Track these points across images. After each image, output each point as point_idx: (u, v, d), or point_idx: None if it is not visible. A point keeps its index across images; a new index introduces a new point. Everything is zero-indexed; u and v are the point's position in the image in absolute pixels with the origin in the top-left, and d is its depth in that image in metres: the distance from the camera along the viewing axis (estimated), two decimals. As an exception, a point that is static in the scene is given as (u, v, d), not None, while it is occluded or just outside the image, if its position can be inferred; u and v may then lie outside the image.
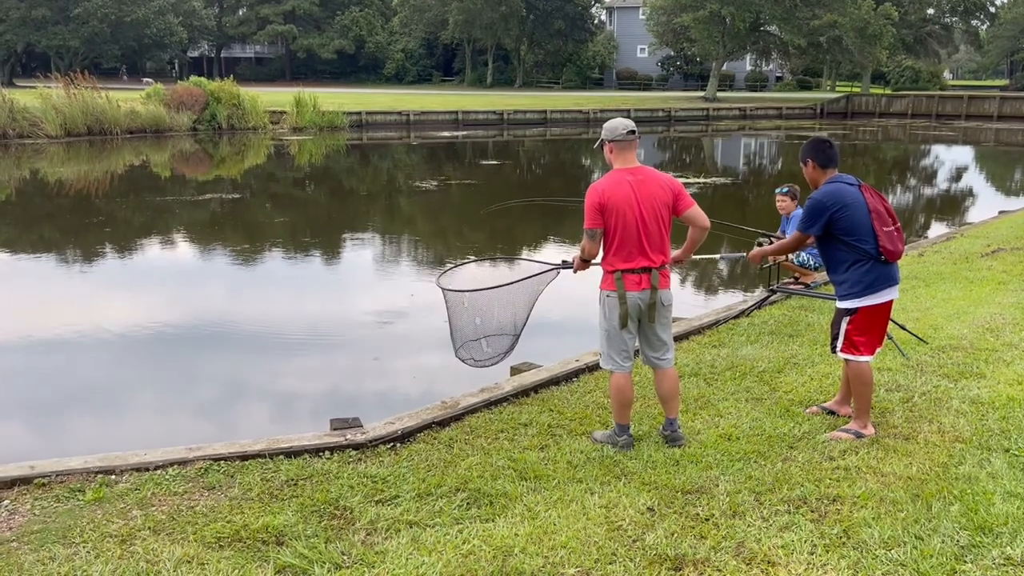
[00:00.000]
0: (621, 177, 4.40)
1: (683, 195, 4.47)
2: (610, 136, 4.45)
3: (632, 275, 4.38)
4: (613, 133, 4.44)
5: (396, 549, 3.52)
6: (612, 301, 4.43)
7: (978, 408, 4.90)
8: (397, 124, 38.76)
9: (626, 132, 4.43)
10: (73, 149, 27.27)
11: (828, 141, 4.61)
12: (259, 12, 71.37)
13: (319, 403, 6.38)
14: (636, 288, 4.39)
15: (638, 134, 4.48)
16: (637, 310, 4.44)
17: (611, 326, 4.47)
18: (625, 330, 4.46)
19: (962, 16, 64.55)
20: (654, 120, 46.02)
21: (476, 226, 14.61)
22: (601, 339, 4.58)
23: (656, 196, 4.38)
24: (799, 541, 3.48)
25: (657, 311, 4.46)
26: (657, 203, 4.38)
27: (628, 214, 4.33)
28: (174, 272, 11.28)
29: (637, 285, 4.39)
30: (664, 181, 4.46)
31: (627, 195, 4.34)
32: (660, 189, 4.41)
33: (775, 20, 49.93)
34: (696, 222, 4.49)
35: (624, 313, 4.41)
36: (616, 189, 4.36)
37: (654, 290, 4.41)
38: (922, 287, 8.26)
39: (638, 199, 4.35)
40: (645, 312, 4.44)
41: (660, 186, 4.42)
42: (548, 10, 64.80)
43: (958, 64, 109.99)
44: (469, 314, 4.95)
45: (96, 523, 3.77)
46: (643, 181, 4.39)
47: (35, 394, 6.71)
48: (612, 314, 4.44)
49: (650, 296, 4.42)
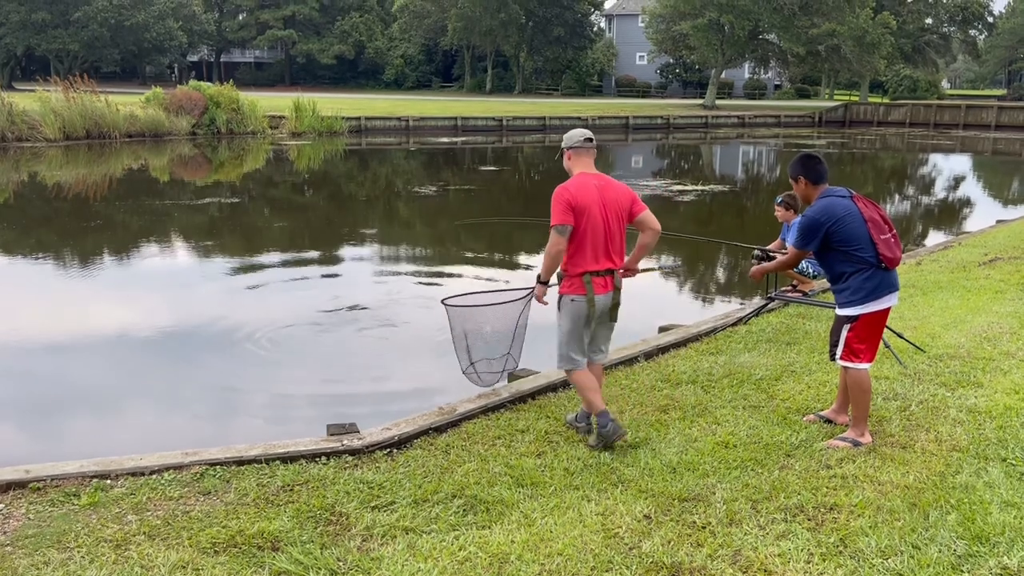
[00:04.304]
0: (586, 180, 4.56)
1: (638, 200, 4.68)
2: (568, 144, 4.68)
3: (599, 277, 4.54)
4: (571, 141, 4.68)
5: (392, 555, 3.51)
6: (580, 304, 4.55)
7: (975, 417, 4.90)
8: (396, 129, 38.85)
9: (583, 139, 4.67)
10: (72, 153, 27.28)
11: (816, 157, 4.67)
12: (259, 17, 71.52)
13: (316, 408, 6.36)
14: (603, 291, 4.56)
15: (595, 142, 4.72)
16: (600, 311, 4.59)
17: (575, 327, 4.59)
18: (586, 329, 4.64)
19: (960, 26, 64.80)
20: (653, 127, 46.15)
21: (474, 231, 14.62)
22: (560, 341, 4.68)
23: (618, 201, 4.58)
24: (796, 549, 3.48)
25: (615, 312, 4.67)
26: (619, 208, 4.58)
27: (596, 216, 4.48)
28: (171, 276, 11.27)
29: (604, 288, 4.56)
30: (622, 187, 4.67)
31: (595, 198, 4.50)
32: (620, 195, 4.61)
33: (774, 28, 50.09)
34: (649, 225, 4.66)
35: (590, 315, 4.55)
36: (584, 191, 4.50)
37: (617, 291, 4.60)
38: (919, 296, 8.27)
39: (603, 202, 4.52)
40: (608, 313, 4.61)
41: (620, 191, 4.62)
42: (547, 17, 64.94)
43: (956, 73, 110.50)
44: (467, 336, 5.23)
45: (91, 528, 3.76)
46: (605, 186, 4.58)
47: (31, 398, 6.69)
48: (578, 316, 4.56)
49: (613, 297, 4.60)
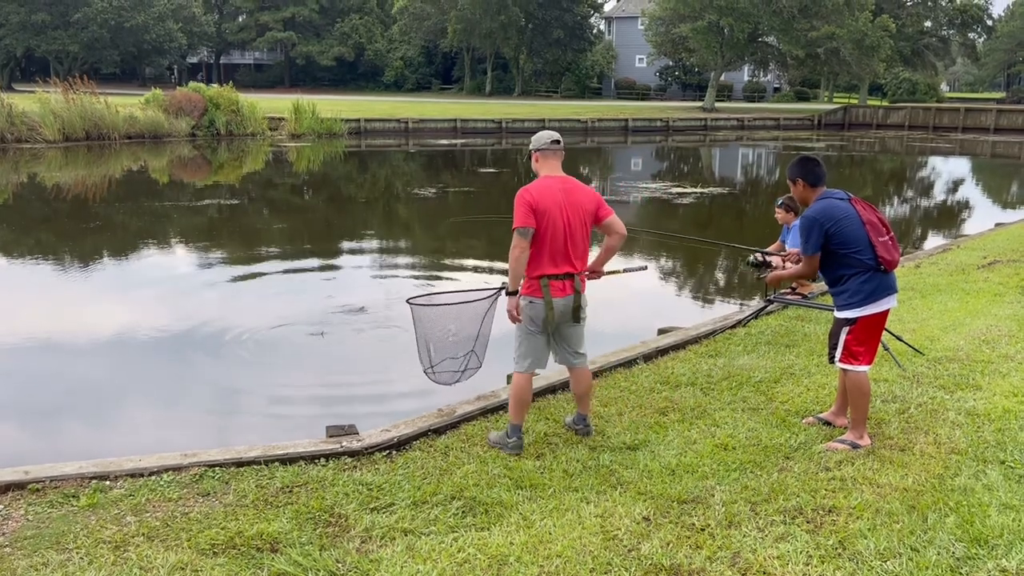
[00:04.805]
0: (550, 183, 4.56)
1: (604, 203, 4.68)
2: (536, 146, 4.69)
3: (557, 281, 4.53)
4: (539, 143, 4.68)
5: (391, 557, 3.51)
6: (536, 307, 4.54)
7: (974, 420, 4.91)
8: (396, 131, 38.84)
9: (550, 142, 4.67)
10: (71, 154, 27.27)
11: (815, 159, 4.68)
12: (259, 19, 71.56)
13: (315, 410, 6.36)
14: (561, 294, 4.55)
15: (563, 144, 4.73)
16: (560, 315, 4.57)
17: (531, 330, 4.58)
18: (544, 334, 4.61)
19: (959, 29, 64.83)
20: (652, 130, 46.16)
21: (473, 232, 14.63)
22: (517, 342, 4.67)
23: (582, 204, 4.56)
24: (795, 552, 3.48)
25: (578, 314, 4.64)
26: (583, 211, 4.56)
27: (557, 219, 4.48)
28: (170, 277, 11.26)
29: (562, 291, 4.55)
30: (588, 191, 4.66)
31: (557, 201, 4.49)
32: (585, 198, 4.60)
33: (773, 31, 50.15)
34: (615, 229, 4.65)
35: (548, 318, 4.53)
36: (546, 194, 4.50)
37: (577, 294, 4.59)
38: (918, 299, 8.27)
39: (567, 206, 4.51)
40: (569, 316, 4.60)
41: (585, 195, 4.61)
42: (547, 19, 65.00)
43: (955, 76, 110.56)
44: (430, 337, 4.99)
45: (90, 529, 3.76)
46: (570, 190, 4.57)
47: (30, 399, 6.69)
48: (535, 319, 4.55)
49: (573, 300, 4.58)
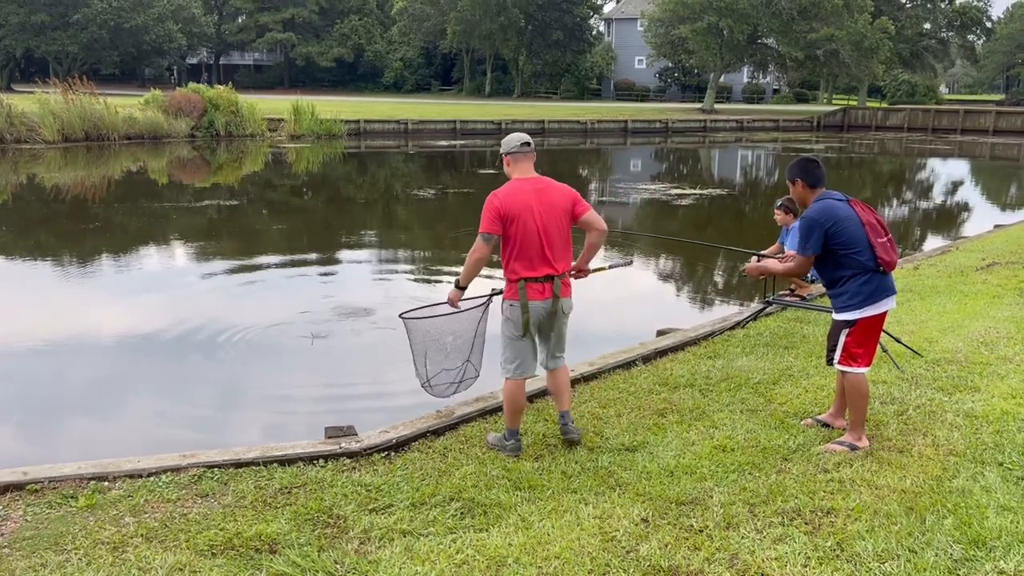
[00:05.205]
0: (520, 186, 4.52)
1: (580, 200, 4.61)
2: (506, 149, 4.64)
3: (535, 284, 4.49)
4: (508, 146, 4.63)
5: (389, 558, 3.51)
6: (515, 310, 4.52)
7: (972, 421, 4.91)
8: (395, 133, 38.86)
9: (520, 144, 4.62)
10: (71, 154, 27.26)
11: (815, 160, 4.69)
12: (258, 20, 71.55)
13: (314, 411, 6.36)
14: (539, 297, 4.51)
15: (533, 146, 4.67)
16: (539, 318, 4.55)
17: (514, 335, 4.56)
18: (527, 338, 4.58)
19: (958, 31, 64.99)
20: (651, 131, 46.18)
21: (473, 233, 14.61)
22: (503, 347, 4.66)
23: (556, 204, 4.52)
24: (793, 553, 3.48)
25: (558, 319, 4.61)
26: (558, 211, 4.52)
27: (529, 222, 4.44)
28: (169, 278, 11.26)
29: (540, 294, 4.51)
30: (562, 189, 4.61)
31: (527, 203, 4.46)
32: (560, 197, 4.55)
33: (773, 33, 50.21)
34: (594, 226, 4.61)
35: (527, 322, 4.51)
36: (516, 197, 4.47)
37: (556, 298, 4.54)
38: (917, 300, 8.28)
39: (539, 207, 4.47)
40: (547, 320, 4.57)
41: (559, 194, 4.56)
42: (547, 21, 65.03)
43: (954, 78, 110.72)
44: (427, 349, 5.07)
45: (88, 530, 3.76)
46: (543, 190, 4.53)
47: (28, 400, 6.68)
48: (515, 322, 4.53)
49: (552, 304, 4.54)
